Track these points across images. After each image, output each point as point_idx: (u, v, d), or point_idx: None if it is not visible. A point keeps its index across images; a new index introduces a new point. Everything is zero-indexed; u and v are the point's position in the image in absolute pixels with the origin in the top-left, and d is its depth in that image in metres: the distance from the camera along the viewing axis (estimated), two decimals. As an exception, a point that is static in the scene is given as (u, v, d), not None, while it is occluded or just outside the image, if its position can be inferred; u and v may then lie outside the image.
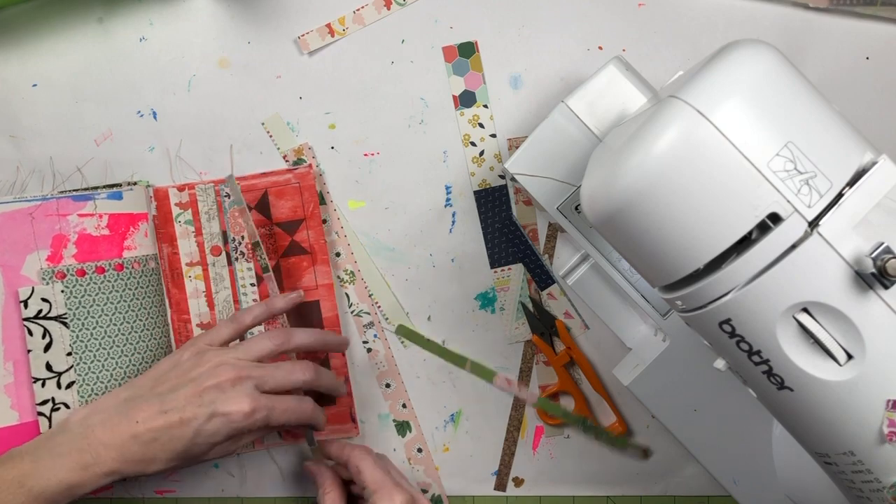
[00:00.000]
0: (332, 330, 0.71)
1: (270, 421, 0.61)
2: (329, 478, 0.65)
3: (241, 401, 0.60)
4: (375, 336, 0.72)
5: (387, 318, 0.71)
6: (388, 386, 0.72)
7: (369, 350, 0.72)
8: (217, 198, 0.70)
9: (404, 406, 0.72)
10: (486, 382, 0.72)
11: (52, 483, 0.58)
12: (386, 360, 0.72)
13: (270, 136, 0.70)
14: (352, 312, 0.72)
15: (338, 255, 0.71)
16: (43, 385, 0.66)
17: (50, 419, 0.66)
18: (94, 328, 0.67)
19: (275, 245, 0.70)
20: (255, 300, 0.70)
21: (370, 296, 0.71)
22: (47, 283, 0.66)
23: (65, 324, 0.66)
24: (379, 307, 0.71)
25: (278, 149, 0.71)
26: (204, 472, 0.72)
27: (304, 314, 0.70)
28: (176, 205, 0.70)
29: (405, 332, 0.71)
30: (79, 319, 0.66)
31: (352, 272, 0.71)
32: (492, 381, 0.71)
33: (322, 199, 0.71)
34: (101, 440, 0.59)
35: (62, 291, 0.66)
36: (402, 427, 0.72)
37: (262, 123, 0.70)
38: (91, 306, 0.66)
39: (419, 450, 0.72)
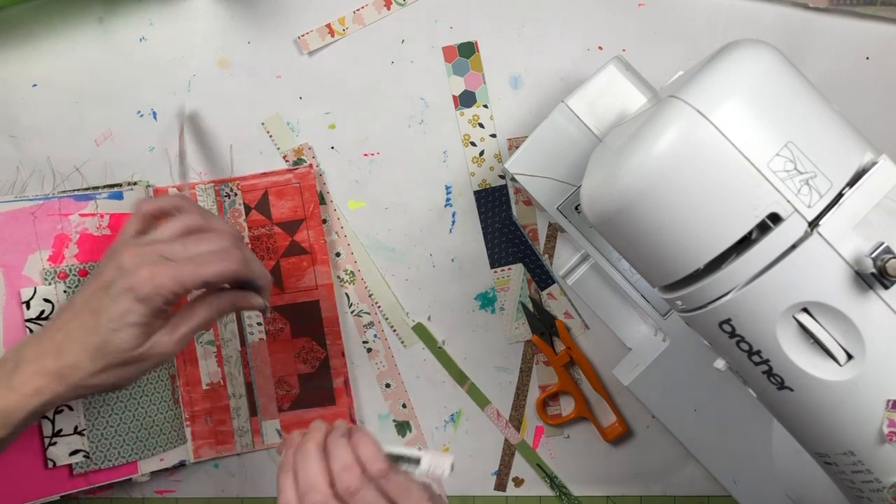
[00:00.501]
0: (332, 330, 0.71)
1: (184, 280, 0.55)
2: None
3: (141, 267, 0.55)
4: (375, 336, 0.72)
5: (387, 318, 0.71)
6: (388, 386, 0.72)
7: (369, 350, 0.72)
8: (217, 198, 0.70)
9: (404, 406, 0.72)
10: (486, 383, 0.72)
11: None
12: (386, 360, 0.72)
13: (270, 136, 0.70)
14: (352, 312, 0.72)
15: (338, 255, 0.71)
16: (43, 385, 0.66)
17: (53, 421, 0.66)
18: (95, 328, 0.66)
19: (275, 245, 0.70)
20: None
21: (370, 296, 0.71)
22: (49, 284, 0.66)
23: (65, 324, 0.66)
24: (379, 307, 0.71)
25: (278, 149, 0.71)
26: (204, 471, 0.72)
27: (305, 314, 0.70)
28: (176, 205, 0.70)
29: (420, 332, 0.71)
30: (79, 319, 0.66)
31: (352, 272, 0.71)
32: (483, 409, 0.71)
33: (322, 199, 0.71)
34: (25, 357, 0.56)
35: (65, 292, 0.66)
36: (402, 427, 0.72)
37: (262, 123, 0.70)
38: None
39: (419, 448, 0.72)
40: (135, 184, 0.69)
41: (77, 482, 0.67)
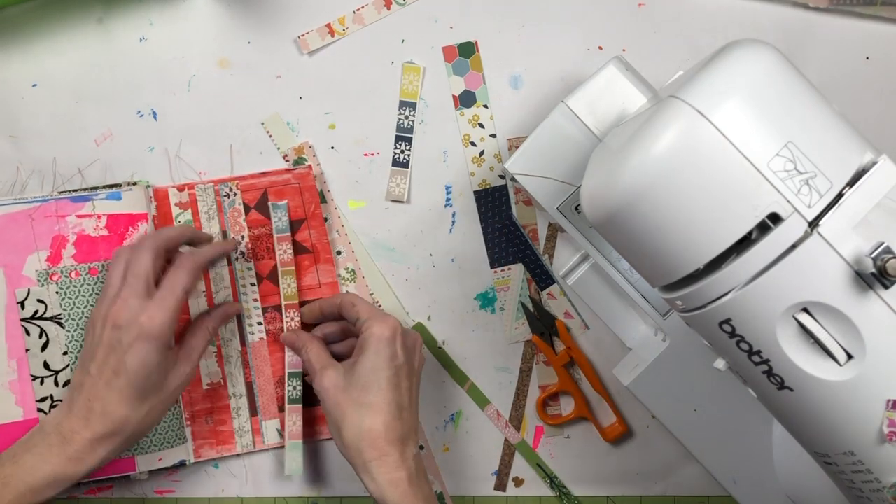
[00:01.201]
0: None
1: (171, 297, 0.61)
2: (307, 336, 0.68)
3: (139, 316, 0.60)
4: (375, 336, 0.71)
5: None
6: (388, 386, 0.72)
7: (369, 350, 0.72)
8: (217, 198, 0.70)
9: (404, 406, 0.72)
10: (486, 383, 0.72)
11: (37, 477, 0.60)
12: (386, 360, 0.72)
13: (270, 136, 0.70)
14: (352, 312, 0.71)
15: (338, 253, 0.71)
16: (41, 383, 0.67)
17: None
18: (92, 328, 0.67)
19: (274, 245, 0.70)
20: (255, 300, 0.70)
21: (371, 294, 0.71)
22: (42, 285, 0.66)
23: (60, 324, 0.67)
24: (380, 306, 0.71)
25: (278, 148, 0.70)
26: (204, 471, 0.72)
27: (304, 314, 0.71)
28: (176, 205, 0.70)
29: (420, 332, 0.71)
30: (73, 320, 0.67)
31: (353, 270, 0.71)
32: (483, 409, 0.71)
33: (323, 198, 0.71)
34: (71, 428, 0.61)
35: (57, 293, 0.66)
36: (402, 427, 0.72)
37: (262, 123, 0.70)
38: (85, 307, 0.67)
39: (421, 447, 0.72)
40: (135, 184, 0.69)
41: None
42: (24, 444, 0.62)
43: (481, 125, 0.70)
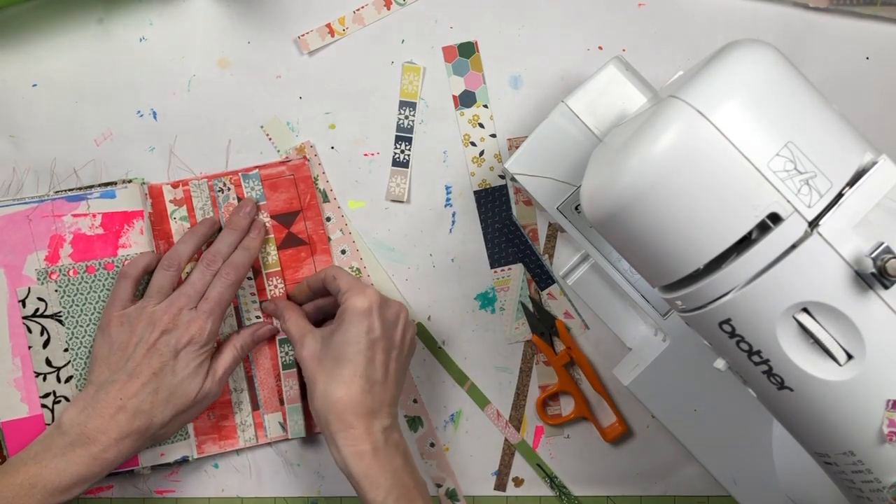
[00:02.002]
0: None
1: (218, 309, 0.65)
2: (285, 304, 0.69)
3: (190, 325, 0.64)
4: (375, 336, 0.71)
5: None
6: (388, 386, 0.72)
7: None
8: (211, 193, 0.70)
9: (415, 401, 0.72)
10: (486, 383, 0.72)
11: (64, 477, 0.61)
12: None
13: (270, 140, 0.70)
14: (352, 312, 0.71)
15: (343, 252, 0.71)
16: (44, 379, 0.67)
17: (52, 411, 0.67)
18: (88, 325, 0.67)
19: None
20: (252, 293, 0.70)
21: (370, 296, 0.71)
22: (42, 284, 0.67)
23: (60, 321, 0.67)
24: (379, 307, 0.71)
25: (278, 150, 0.70)
26: (204, 471, 0.72)
27: (304, 314, 0.70)
28: (171, 201, 0.70)
29: (420, 332, 0.71)
30: (73, 317, 0.67)
31: (357, 269, 0.71)
32: (483, 409, 0.71)
33: (325, 197, 0.71)
34: (96, 428, 0.62)
35: (56, 291, 0.67)
36: (414, 422, 0.72)
37: (262, 126, 0.70)
38: (84, 304, 0.67)
39: (431, 444, 0.72)
40: (130, 181, 0.69)
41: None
42: (43, 443, 0.62)
43: (481, 125, 0.70)
